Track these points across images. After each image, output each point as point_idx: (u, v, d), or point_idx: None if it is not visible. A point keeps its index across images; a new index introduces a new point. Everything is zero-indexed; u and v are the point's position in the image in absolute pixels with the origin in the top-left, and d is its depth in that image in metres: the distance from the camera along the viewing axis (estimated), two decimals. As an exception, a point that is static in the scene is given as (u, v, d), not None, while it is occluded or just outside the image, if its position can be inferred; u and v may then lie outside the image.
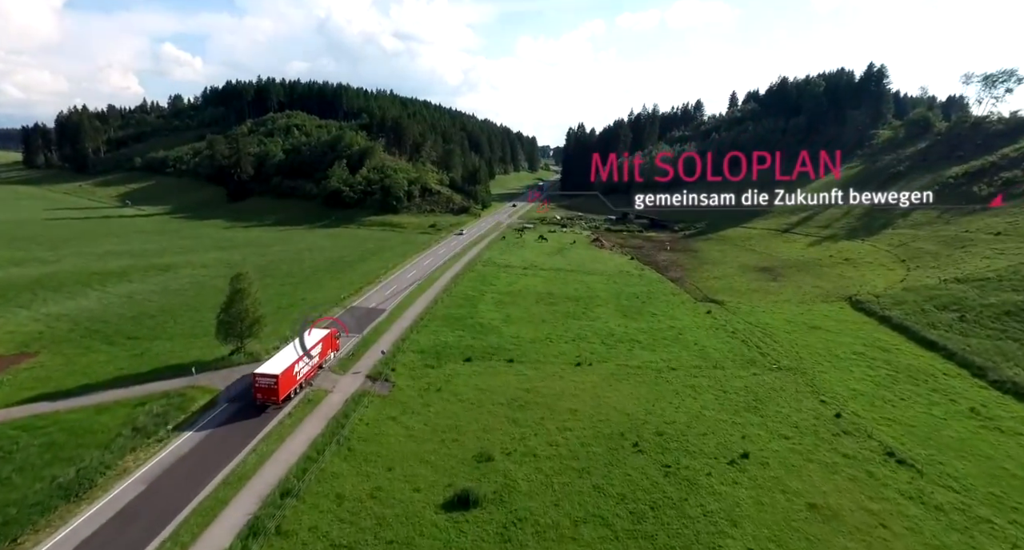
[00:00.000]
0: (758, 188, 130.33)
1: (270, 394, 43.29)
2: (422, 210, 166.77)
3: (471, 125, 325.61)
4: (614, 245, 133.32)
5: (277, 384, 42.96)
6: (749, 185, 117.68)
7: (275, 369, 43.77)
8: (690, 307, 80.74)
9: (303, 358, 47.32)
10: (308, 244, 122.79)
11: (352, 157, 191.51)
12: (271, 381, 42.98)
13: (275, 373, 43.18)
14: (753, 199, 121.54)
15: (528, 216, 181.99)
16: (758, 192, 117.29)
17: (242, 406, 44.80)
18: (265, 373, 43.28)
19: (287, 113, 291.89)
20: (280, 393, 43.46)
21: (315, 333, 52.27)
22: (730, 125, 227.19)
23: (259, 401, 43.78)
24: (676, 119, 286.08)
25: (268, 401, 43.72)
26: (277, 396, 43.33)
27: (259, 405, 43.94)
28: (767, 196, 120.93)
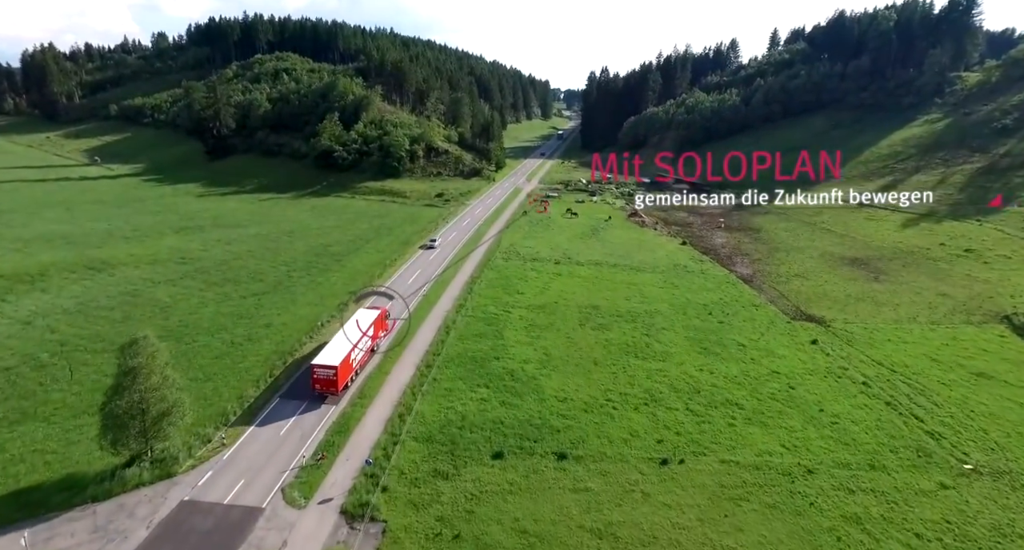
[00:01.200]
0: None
1: (329, 385, 43.19)
2: (427, 173, 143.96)
3: (480, 68, 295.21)
4: (657, 222, 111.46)
5: (336, 375, 42.82)
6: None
7: (333, 359, 43.35)
8: (784, 330, 60.40)
9: (357, 345, 46.68)
10: (290, 223, 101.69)
11: (346, 109, 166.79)
12: (330, 372, 42.83)
13: (334, 364, 42.87)
14: (753, 199, 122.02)
15: (550, 178, 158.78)
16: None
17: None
18: (324, 364, 42.93)
19: (277, 55, 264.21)
20: (339, 383, 43.36)
21: (365, 315, 51.56)
22: (777, 69, 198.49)
23: (317, 391, 43.48)
24: (707, 62, 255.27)
25: (327, 392, 43.56)
26: (336, 387, 43.23)
27: (318, 396, 43.64)
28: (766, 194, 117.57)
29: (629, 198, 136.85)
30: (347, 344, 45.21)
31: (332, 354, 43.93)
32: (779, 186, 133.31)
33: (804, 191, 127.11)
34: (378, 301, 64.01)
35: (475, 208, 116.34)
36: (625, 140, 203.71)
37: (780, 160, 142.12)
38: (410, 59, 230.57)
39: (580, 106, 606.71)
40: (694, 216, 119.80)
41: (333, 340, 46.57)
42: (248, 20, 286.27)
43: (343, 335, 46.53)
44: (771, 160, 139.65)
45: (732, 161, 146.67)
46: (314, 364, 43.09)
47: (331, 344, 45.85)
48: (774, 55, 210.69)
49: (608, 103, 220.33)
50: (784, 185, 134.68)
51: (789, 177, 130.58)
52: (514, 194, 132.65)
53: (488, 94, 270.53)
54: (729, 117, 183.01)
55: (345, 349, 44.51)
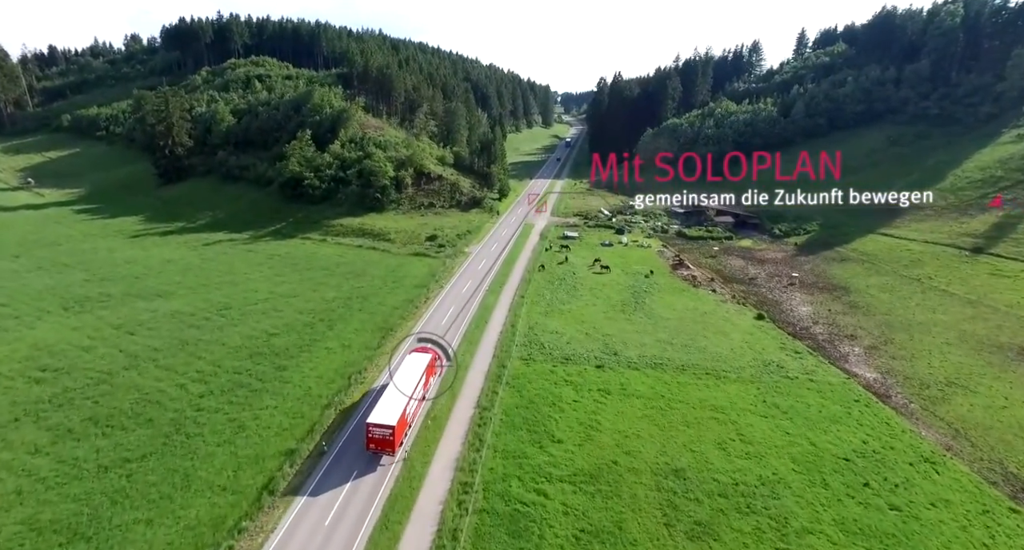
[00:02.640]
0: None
1: (385, 445, 39.82)
2: (417, 205, 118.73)
3: (476, 73, 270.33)
4: (712, 277, 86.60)
5: (393, 435, 39.45)
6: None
7: (390, 418, 40.08)
8: (1011, 531, 35.76)
9: (412, 397, 43.57)
10: (232, 289, 76.32)
11: (322, 124, 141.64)
12: (386, 432, 39.48)
13: (391, 423, 39.61)
14: (753, 199, 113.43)
15: (564, 207, 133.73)
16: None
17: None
18: (380, 423, 39.67)
19: (252, 59, 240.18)
20: (396, 443, 39.94)
21: (415, 361, 48.77)
22: (816, 74, 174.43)
23: (372, 451, 40.10)
24: (726, 66, 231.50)
25: (383, 451, 40.15)
26: (393, 447, 39.91)
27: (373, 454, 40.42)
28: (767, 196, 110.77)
29: (663, 234, 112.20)
30: (402, 398, 42.54)
31: (387, 411, 41.06)
32: (850, 222, 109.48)
33: (872, 230, 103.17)
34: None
35: (477, 259, 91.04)
36: (645, 155, 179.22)
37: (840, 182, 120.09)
38: (399, 64, 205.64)
39: (579, 110, 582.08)
40: (752, 263, 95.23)
41: (386, 394, 43.38)
42: (222, 21, 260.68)
43: (395, 387, 43.62)
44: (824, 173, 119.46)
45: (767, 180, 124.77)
46: (370, 423, 40.06)
47: (384, 398, 42.83)
48: (810, 58, 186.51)
49: (622, 112, 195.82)
50: (851, 216, 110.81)
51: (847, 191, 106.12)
52: (524, 234, 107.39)
53: (485, 101, 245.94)
54: (765, 131, 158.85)
55: (401, 405, 41.83)
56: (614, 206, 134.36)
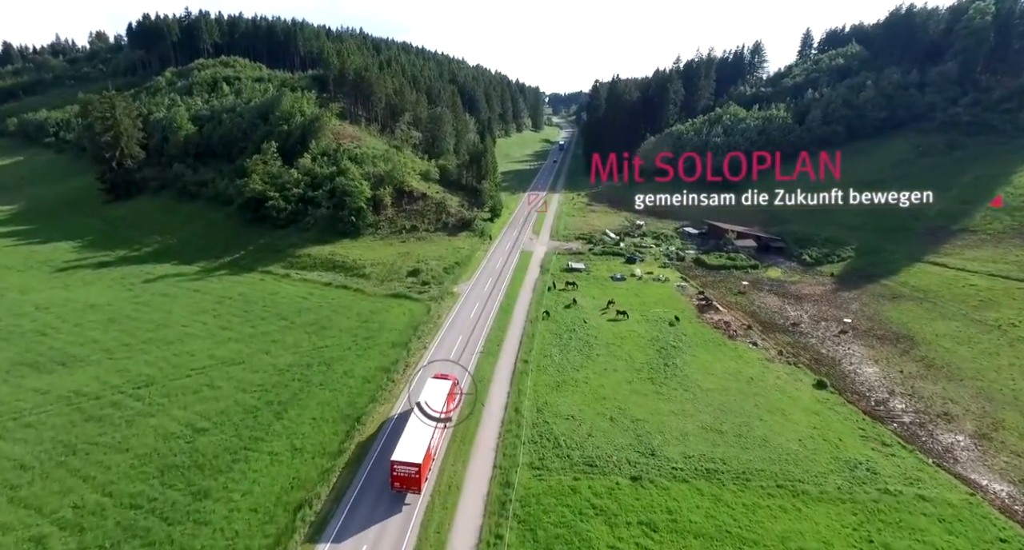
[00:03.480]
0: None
1: (411, 483, 38.06)
2: (397, 228, 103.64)
3: (463, 75, 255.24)
4: (748, 324, 72.56)
5: (419, 473, 37.66)
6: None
7: (415, 455, 38.24)
8: None
9: (437, 426, 42.07)
10: (162, 348, 61.06)
11: (291, 133, 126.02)
12: (412, 470, 37.72)
13: (416, 461, 37.79)
14: (753, 199, 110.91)
15: (564, 228, 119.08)
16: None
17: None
18: (405, 461, 37.83)
19: (221, 59, 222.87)
20: (421, 480, 38.15)
21: (436, 388, 46.51)
22: (831, 77, 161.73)
23: (397, 490, 38.43)
24: (727, 68, 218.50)
25: (408, 490, 38.37)
26: (419, 485, 38.12)
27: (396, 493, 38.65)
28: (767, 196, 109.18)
29: (679, 262, 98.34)
30: (426, 431, 40.67)
31: (412, 447, 38.99)
32: (889, 246, 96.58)
33: (919, 259, 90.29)
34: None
35: (468, 302, 76.13)
36: (646, 165, 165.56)
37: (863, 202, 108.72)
38: (380, 66, 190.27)
39: (568, 112, 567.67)
40: (788, 300, 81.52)
41: (409, 427, 41.23)
42: (190, 18, 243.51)
43: (419, 419, 41.86)
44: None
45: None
46: (395, 461, 37.77)
47: (408, 432, 40.67)
48: (822, 61, 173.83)
49: (620, 117, 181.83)
50: (888, 238, 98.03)
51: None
52: (522, 265, 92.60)
53: (473, 105, 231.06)
54: (778, 139, 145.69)
55: (425, 439, 39.91)
56: (619, 227, 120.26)
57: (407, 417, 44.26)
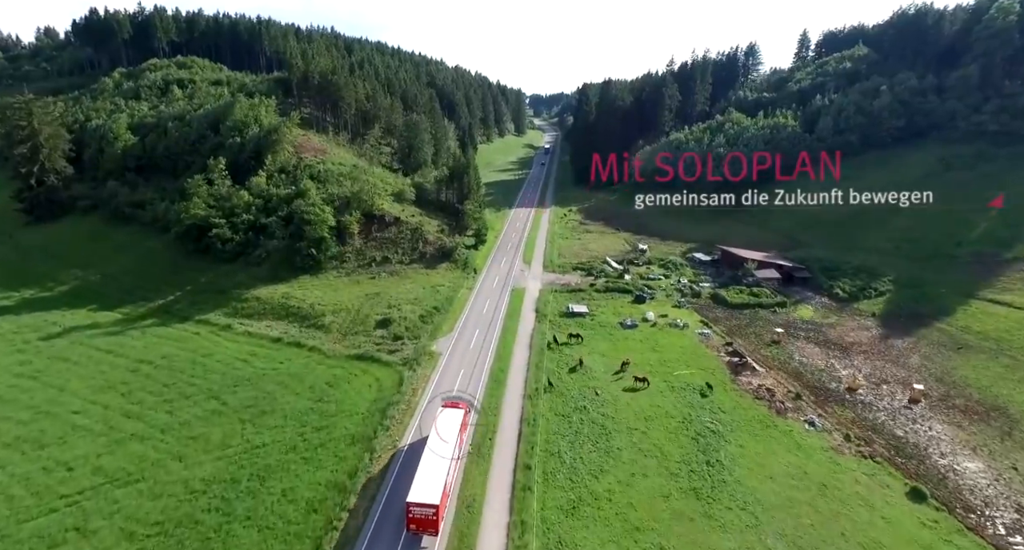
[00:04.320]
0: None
1: (428, 525, 35.80)
2: (366, 260, 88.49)
3: (442, 77, 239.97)
4: (795, 392, 58.99)
5: (436, 514, 35.48)
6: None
7: (432, 496, 35.76)
8: None
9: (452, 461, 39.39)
10: (34, 451, 45.56)
11: (243, 146, 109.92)
12: (429, 511, 35.37)
13: (434, 502, 35.39)
14: (754, 199, 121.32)
15: (559, 254, 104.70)
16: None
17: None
18: (422, 503, 35.36)
19: (177, 59, 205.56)
20: (439, 522, 36.01)
21: (448, 419, 43.79)
22: (839, 81, 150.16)
23: (413, 533, 36.10)
24: (720, 71, 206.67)
25: (425, 532, 36.07)
26: (436, 527, 35.84)
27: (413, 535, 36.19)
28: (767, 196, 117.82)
29: (694, 298, 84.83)
30: (442, 467, 38.01)
31: (428, 486, 36.46)
32: (931, 277, 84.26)
33: (972, 294, 78.05)
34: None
35: (450, 366, 61.32)
36: (641, 178, 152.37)
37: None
38: (351, 68, 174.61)
39: (550, 114, 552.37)
40: (833, 352, 68.42)
41: (424, 464, 38.42)
42: (143, 14, 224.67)
43: (433, 454, 39.21)
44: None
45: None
46: (410, 503, 35.46)
47: (423, 470, 37.91)
48: (829, 63, 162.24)
49: (612, 124, 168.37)
50: (925, 267, 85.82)
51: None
52: (513, 309, 77.61)
53: (453, 109, 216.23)
54: (788, 150, 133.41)
55: (441, 476, 37.35)
56: (621, 252, 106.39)
57: (417, 450, 41.47)
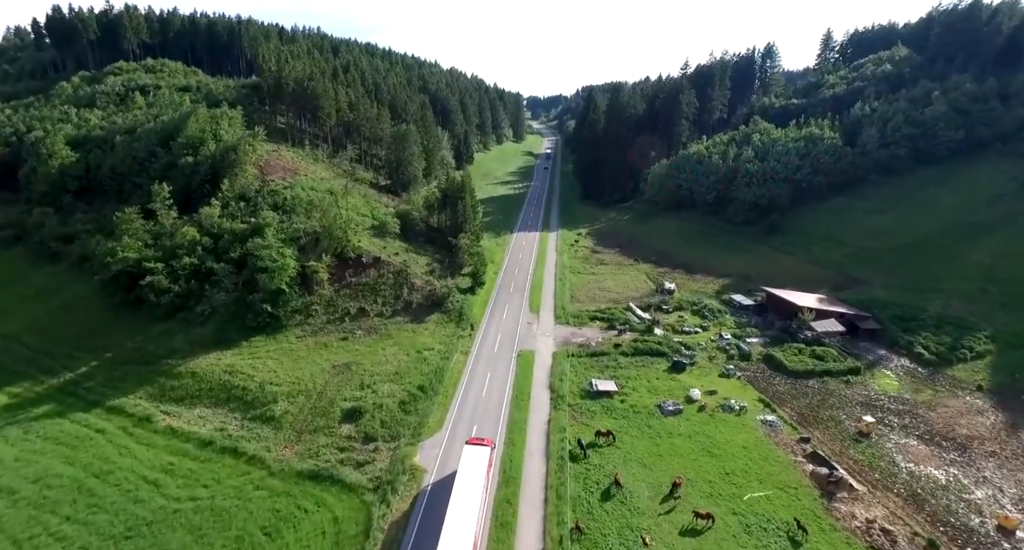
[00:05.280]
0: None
1: None
2: (337, 314, 71.53)
3: (435, 80, 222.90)
4: (929, 543, 42.51)
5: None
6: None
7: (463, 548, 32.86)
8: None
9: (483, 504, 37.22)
10: None
11: (196, 168, 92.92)
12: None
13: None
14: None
15: (572, 300, 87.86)
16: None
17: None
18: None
19: (145, 62, 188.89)
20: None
21: (474, 458, 40.80)
22: (879, 87, 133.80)
23: None
24: (736, 74, 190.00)
25: None
26: None
27: None
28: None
29: (743, 361, 68.27)
30: (472, 515, 35.35)
31: (458, 538, 33.71)
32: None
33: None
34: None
35: (438, 490, 44.47)
36: (658, 196, 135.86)
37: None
38: (334, 72, 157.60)
39: (547, 116, 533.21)
40: (951, 453, 51.99)
41: (452, 511, 35.50)
42: (111, 13, 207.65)
43: (461, 499, 36.47)
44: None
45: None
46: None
47: (451, 518, 34.88)
48: (866, 66, 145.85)
49: (623, 134, 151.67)
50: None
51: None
52: (522, 388, 60.71)
53: (447, 116, 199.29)
54: (828, 166, 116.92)
55: (471, 523, 34.70)
56: (644, 293, 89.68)
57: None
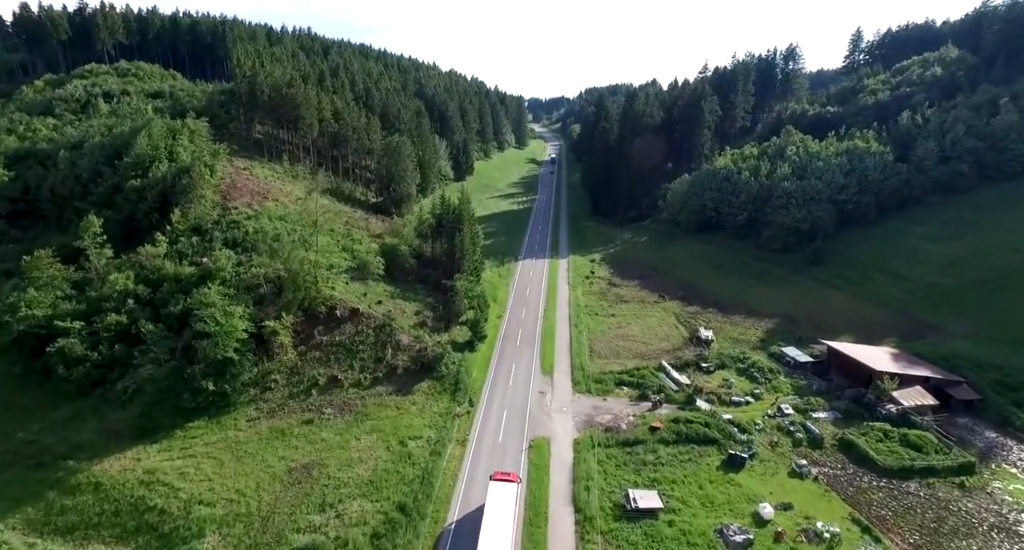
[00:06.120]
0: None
1: None
2: (302, 385, 56.74)
3: (433, 84, 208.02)
4: None
5: None
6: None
7: None
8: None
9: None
10: None
11: (143, 193, 78.32)
12: None
13: None
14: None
15: (593, 356, 72.96)
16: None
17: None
18: None
19: (119, 65, 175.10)
20: None
21: (501, 495, 39.54)
22: (929, 93, 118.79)
23: None
24: (761, 75, 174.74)
25: None
26: None
27: None
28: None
29: (816, 448, 53.63)
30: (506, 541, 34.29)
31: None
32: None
33: None
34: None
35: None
36: (680, 215, 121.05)
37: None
38: (320, 77, 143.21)
39: (549, 119, 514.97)
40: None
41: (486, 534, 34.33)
42: (85, 11, 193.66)
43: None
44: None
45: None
46: None
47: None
48: (912, 69, 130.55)
49: (639, 145, 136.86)
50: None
51: None
52: (538, 497, 46.19)
53: (445, 122, 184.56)
54: (878, 184, 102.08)
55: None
56: (676, 345, 74.83)
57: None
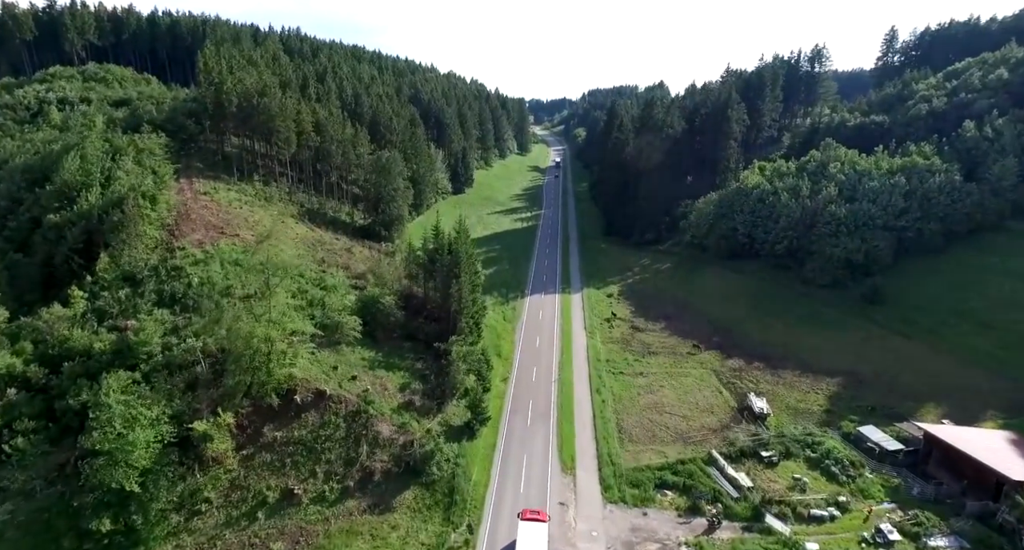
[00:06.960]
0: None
1: None
2: (247, 505, 41.84)
3: (430, 89, 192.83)
4: None
5: None
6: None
7: None
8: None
9: None
10: None
11: (62, 231, 63.74)
12: None
13: None
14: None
15: (623, 436, 58.31)
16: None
17: None
18: None
19: (87, 68, 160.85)
20: None
21: (532, 537, 37.51)
22: (997, 100, 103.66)
23: None
24: (790, 78, 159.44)
25: None
26: None
27: None
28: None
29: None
30: None
31: None
32: None
33: None
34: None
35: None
36: (706, 240, 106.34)
37: None
38: (303, 84, 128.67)
39: (551, 122, 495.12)
40: None
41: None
42: (53, 10, 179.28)
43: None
44: None
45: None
46: None
47: None
48: (971, 72, 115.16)
49: (658, 159, 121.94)
50: None
51: None
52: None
53: (442, 130, 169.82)
54: (943, 208, 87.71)
55: None
56: (722, 418, 60.23)
57: None
